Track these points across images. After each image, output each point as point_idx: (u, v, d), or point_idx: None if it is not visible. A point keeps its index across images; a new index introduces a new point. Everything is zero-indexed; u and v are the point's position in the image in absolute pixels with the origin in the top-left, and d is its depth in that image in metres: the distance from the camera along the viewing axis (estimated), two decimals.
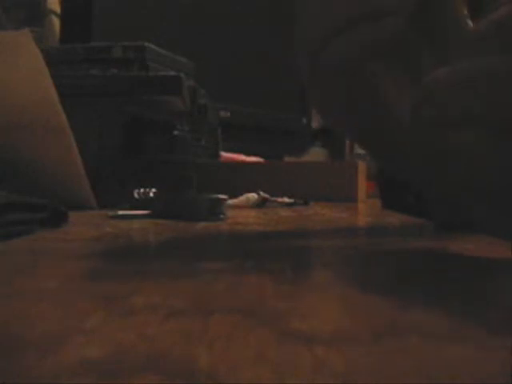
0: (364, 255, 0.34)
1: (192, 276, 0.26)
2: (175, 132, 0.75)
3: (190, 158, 0.82)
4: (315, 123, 1.78)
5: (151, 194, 0.59)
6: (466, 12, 0.32)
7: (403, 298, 0.22)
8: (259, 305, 0.20)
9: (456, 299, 0.22)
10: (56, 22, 1.29)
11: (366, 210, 0.80)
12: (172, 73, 0.76)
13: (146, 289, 0.23)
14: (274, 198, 0.81)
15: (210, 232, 0.45)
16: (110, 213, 0.55)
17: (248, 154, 1.25)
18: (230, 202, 0.74)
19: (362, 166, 1.02)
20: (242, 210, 0.72)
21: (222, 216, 0.54)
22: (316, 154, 1.80)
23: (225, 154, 1.10)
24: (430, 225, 0.48)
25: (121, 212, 0.56)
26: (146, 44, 0.80)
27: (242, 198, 0.77)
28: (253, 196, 0.78)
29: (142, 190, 0.59)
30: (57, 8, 1.29)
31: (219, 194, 0.56)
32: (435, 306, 0.20)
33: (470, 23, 0.32)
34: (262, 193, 0.79)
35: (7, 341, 0.16)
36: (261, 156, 1.29)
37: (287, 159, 1.52)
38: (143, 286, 0.23)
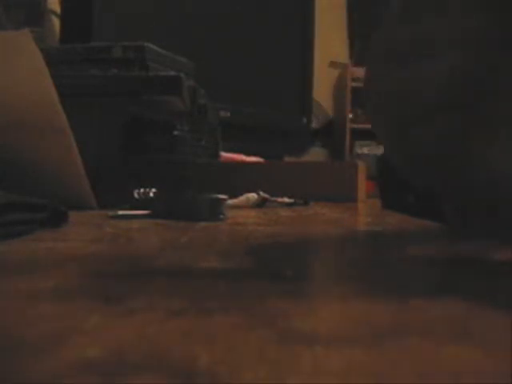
0: (364, 255, 0.34)
1: (192, 276, 0.26)
2: (175, 132, 0.75)
3: (189, 158, 0.82)
4: (315, 123, 1.78)
5: (151, 194, 0.59)
6: None
7: (403, 298, 0.22)
8: (259, 305, 0.20)
9: (456, 299, 0.22)
10: (56, 22, 1.29)
11: (365, 210, 0.80)
12: (172, 73, 0.76)
13: (145, 289, 0.23)
14: (274, 198, 0.81)
15: (210, 232, 0.45)
16: (110, 213, 0.55)
17: (248, 154, 1.25)
18: (230, 201, 0.74)
19: (361, 166, 1.02)
20: (242, 209, 0.72)
21: (221, 216, 0.54)
22: (316, 153, 1.80)
23: (225, 154, 1.10)
24: (435, 226, 0.48)
25: (121, 212, 0.56)
26: (146, 44, 0.80)
27: (242, 198, 0.77)
28: (253, 196, 0.78)
29: (142, 190, 0.59)
30: (57, 8, 1.29)
31: (219, 193, 0.56)
32: (435, 306, 0.20)
33: None
34: (261, 193, 0.79)
35: (7, 341, 0.16)
36: (261, 156, 1.29)
37: (287, 159, 1.52)
38: (143, 285, 0.23)
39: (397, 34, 0.36)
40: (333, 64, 2.27)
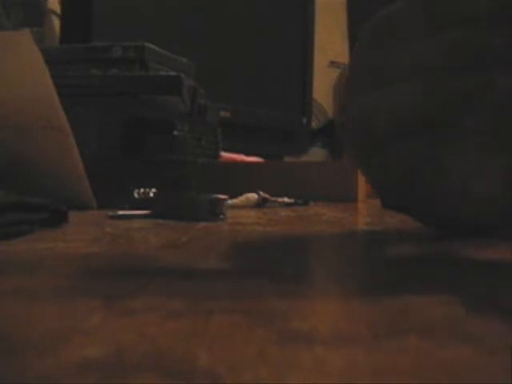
0: (364, 255, 0.34)
1: (192, 276, 0.26)
2: (175, 132, 0.75)
3: (189, 158, 0.82)
4: (315, 123, 1.78)
5: (151, 194, 0.59)
6: None
7: (403, 298, 0.22)
8: (259, 305, 0.20)
9: (456, 299, 0.22)
10: (56, 22, 1.29)
11: (365, 209, 0.80)
12: (172, 73, 0.76)
13: (145, 289, 0.23)
14: (274, 198, 0.81)
15: (210, 232, 0.45)
16: (110, 213, 0.55)
17: (248, 154, 1.25)
18: (230, 202, 0.74)
19: None
20: (242, 209, 0.72)
21: (221, 216, 0.54)
22: (316, 154, 1.80)
23: (225, 154, 1.10)
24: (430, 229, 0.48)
25: (121, 212, 0.56)
26: (146, 44, 0.80)
27: (242, 198, 0.77)
28: (253, 196, 0.78)
29: (141, 190, 0.59)
30: (57, 8, 1.29)
31: (219, 193, 0.56)
32: (435, 306, 0.20)
33: None
34: (261, 193, 0.79)
35: (7, 341, 0.16)
36: (261, 156, 1.29)
37: (287, 159, 1.52)
38: (143, 286, 0.23)
39: (362, 60, 0.37)
40: (333, 64, 2.27)
